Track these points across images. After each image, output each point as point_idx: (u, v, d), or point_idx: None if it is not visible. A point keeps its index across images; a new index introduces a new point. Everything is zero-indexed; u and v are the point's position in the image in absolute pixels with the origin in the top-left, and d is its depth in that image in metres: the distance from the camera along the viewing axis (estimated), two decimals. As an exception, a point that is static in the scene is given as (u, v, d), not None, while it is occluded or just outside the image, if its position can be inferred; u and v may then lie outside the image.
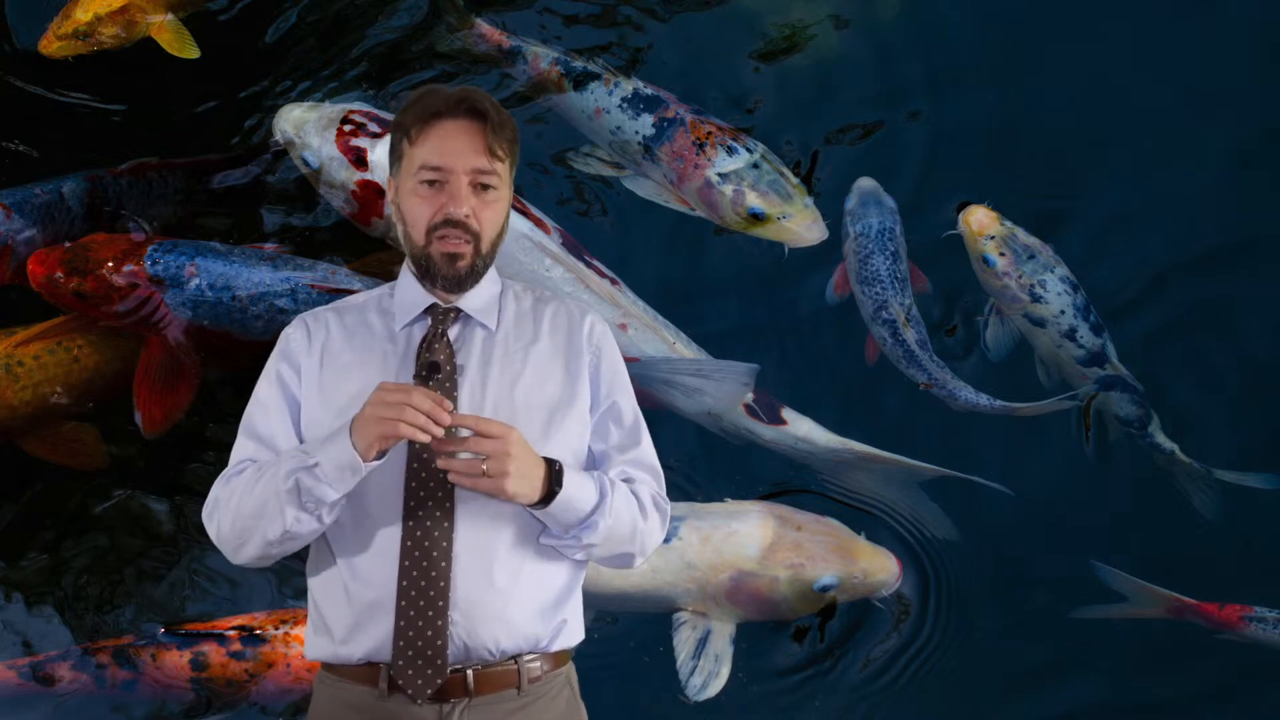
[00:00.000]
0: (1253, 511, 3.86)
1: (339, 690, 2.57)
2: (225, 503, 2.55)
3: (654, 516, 2.63)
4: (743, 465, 3.88)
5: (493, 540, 2.53)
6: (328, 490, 2.45)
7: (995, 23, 4.49)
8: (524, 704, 2.55)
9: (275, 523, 2.48)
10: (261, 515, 2.49)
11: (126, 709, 3.61)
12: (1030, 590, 3.82)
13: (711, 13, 4.53)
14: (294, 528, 2.48)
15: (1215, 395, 4.03)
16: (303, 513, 2.47)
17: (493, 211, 2.59)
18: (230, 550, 2.57)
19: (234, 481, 2.55)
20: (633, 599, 3.60)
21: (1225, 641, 3.68)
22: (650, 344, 3.83)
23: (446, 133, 2.55)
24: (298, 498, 2.46)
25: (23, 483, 3.91)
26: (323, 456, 2.45)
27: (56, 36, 4.17)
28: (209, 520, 2.58)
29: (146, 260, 3.74)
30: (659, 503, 2.66)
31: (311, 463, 2.45)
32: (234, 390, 3.88)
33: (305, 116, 4.01)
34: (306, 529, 2.50)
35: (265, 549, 2.53)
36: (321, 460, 2.44)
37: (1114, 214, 4.23)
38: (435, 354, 2.58)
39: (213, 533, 2.58)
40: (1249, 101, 4.39)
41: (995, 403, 3.87)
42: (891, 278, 3.98)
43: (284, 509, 2.47)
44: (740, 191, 4.01)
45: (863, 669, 3.68)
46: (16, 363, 3.74)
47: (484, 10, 4.40)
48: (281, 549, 2.54)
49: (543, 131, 4.27)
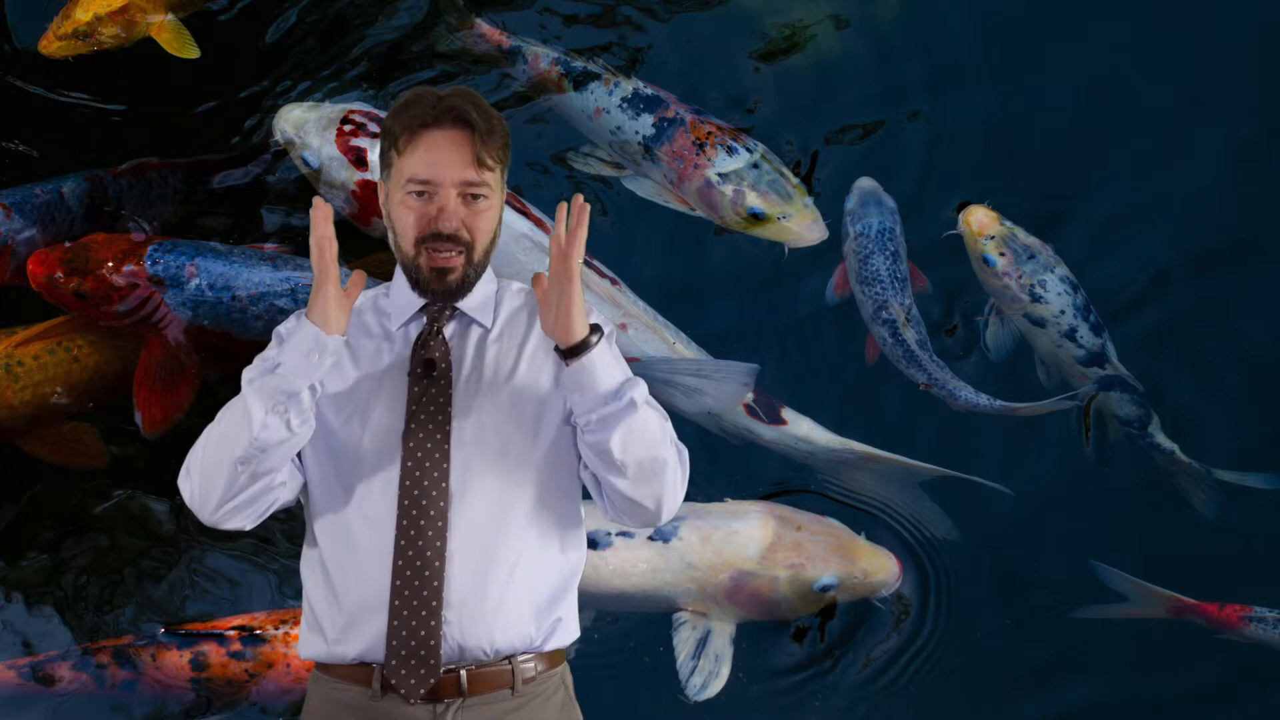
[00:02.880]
0: (1253, 511, 3.86)
1: (333, 690, 2.56)
2: (195, 455, 2.49)
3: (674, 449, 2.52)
4: (743, 465, 3.88)
5: (487, 540, 2.53)
6: (295, 379, 2.42)
7: (995, 23, 4.50)
8: (518, 704, 2.55)
9: (243, 433, 2.41)
10: (229, 439, 2.43)
11: (126, 709, 3.61)
12: (1030, 590, 3.82)
13: (711, 13, 4.54)
14: (261, 434, 2.41)
15: (1215, 395, 4.03)
16: (271, 416, 2.42)
17: (484, 220, 2.57)
18: (200, 498, 2.47)
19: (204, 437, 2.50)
20: (633, 599, 3.60)
21: (1225, 641, 3.68)
22: (650, 344, 3.83)
23: (434, 144, 2.52)
24: (265, 396, 2.41)
25: (23, 483, 3.91)
26: (285, 354, 2.43)
27: (56, 36, 4.17)
28: (183, 481, 2.51)
29: (146, 260, 3.74)
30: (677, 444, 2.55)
31: (274, 364, 2.43)
32: (234, 390, 3.85)
33: (305, 116, 4.01)
34: (275, 436, 2.43)
35: (234, 477, 2.43)
36: (284, 358, 2.43)
37: (1114, 214, 4.23)
38: (431, 351, 2.58)
39: (186, 493, 2.50)
40: (1249, 101, 4.39)
41: (995, 403, 3.87)
42: (891, 278, 3.98)
43: (250, 415, 2.41)
44: (740, 191, 4.02)
45: (863, 669, 3.68)
46: (16, 363, 3.74)
47: (484, 10, 4.41)
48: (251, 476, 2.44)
49: (543, 131, 4.27)
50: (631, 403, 2.46)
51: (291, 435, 2.46)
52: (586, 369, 2.45)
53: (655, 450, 2.48)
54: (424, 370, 2.56)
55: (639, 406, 2.47)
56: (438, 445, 2.53)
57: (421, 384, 2.55)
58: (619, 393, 2.46)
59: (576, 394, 2.48)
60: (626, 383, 2.48)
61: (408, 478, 2.51)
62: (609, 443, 2.46)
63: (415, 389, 2.55)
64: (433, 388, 2.55)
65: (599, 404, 2.46)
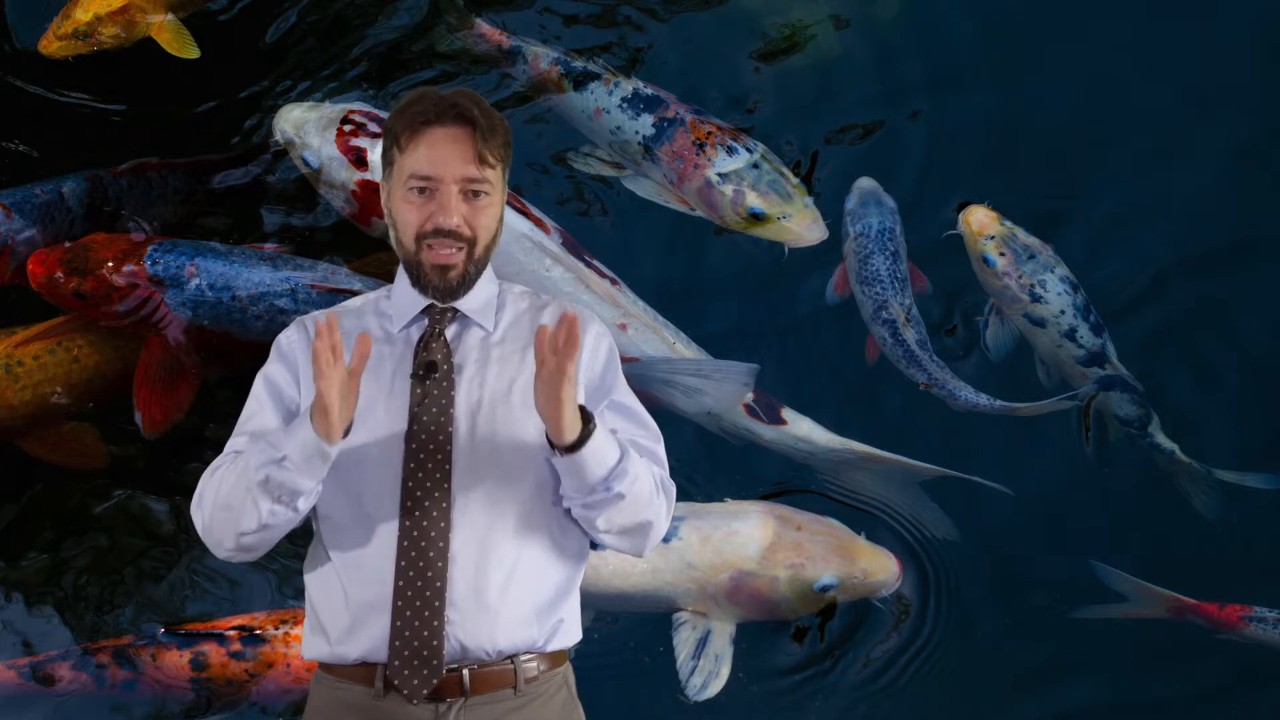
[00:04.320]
0: (1253, 511, 3.86)
1: (335, 690, 2.56)
2: (208, 492, 2.54)
3: (663, 496, 2.60)
4: (743, 465, 3.88)
5: (490, 540, 2.53)
6: (300, 480, 2.45)
7: (995, 23, 4.50)
8: (520, 704, 2.55)
9: (250, 516, 2.47)
10: (236, 507, 2.48)
11: (126, 709, 3.61)
12: (1030, 590, 3.82)
13: (711, 13, 4.54)
14: (269, 520, 2.48)
15: (1215, 395, 4.03)
16: (277, 505, 2.46)
17: (485, 217, 2.58)
18: (212, 543, 2.56)
19: (218, 473, 2.55)
20: (633, 599, 3.60)
21: (1225, 641, 3.68)
22: (650, 344, 3.83)
23: (435, 141, 2.54)
24: (269, 490, 2.45)
25: (23, 483, 3.91)
26: (289, 447, 2.44)
27: (56, 36, 4.17)
28: (195, 512, 2.57)
29: (146, 260, 3.74)
30: (665, 485, 2.62)
31: (279, 456, 2.44)
32: (234, 390, 3.87)
33: (305, 116, 4.01)
34: (282, 520, 2.49)
35: (240, 541, 2.51)
36: (289, 452, 2.43)
37: (1114, 214, 4.23)
38: (433, 353, 2.58)
39: (199, 525, 2.57)
40: (1249, 101, 4.39)
41: (995, 403, 3.86)
42: (891, 278, 3.98)
43: (258, 503, 2.46)
44: (740, 191, 4.01)
45: (863, 669, 3.68)
46: (16, 363, 3.74)
47: (484, 10, 4.41)
48: (261, 540, 2.52)
49: (543, 131, 4.27)
50: (619, 495, 2.50)
51: (297, 514, 2.51)
52: (576, 463, 2.48)
53: (641, 517, 2.56)
54: (426, 372, 2.56)
55: (626, 496, 2.51)
56: (440, 447, 2.53)
57: (423, 386, 2.55)
58: (607, 483, 2.49)
59: (565, 478, 2.51)
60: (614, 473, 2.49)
61: (410, 479, 2.52)
62: (595, 520, 2.55)
63: (417, 391, 2.56)
64: (435, 389, 2.55)
65: (587, 492, 2.51)
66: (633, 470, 2.51)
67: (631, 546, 2.62)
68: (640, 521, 2.57)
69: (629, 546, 2.62)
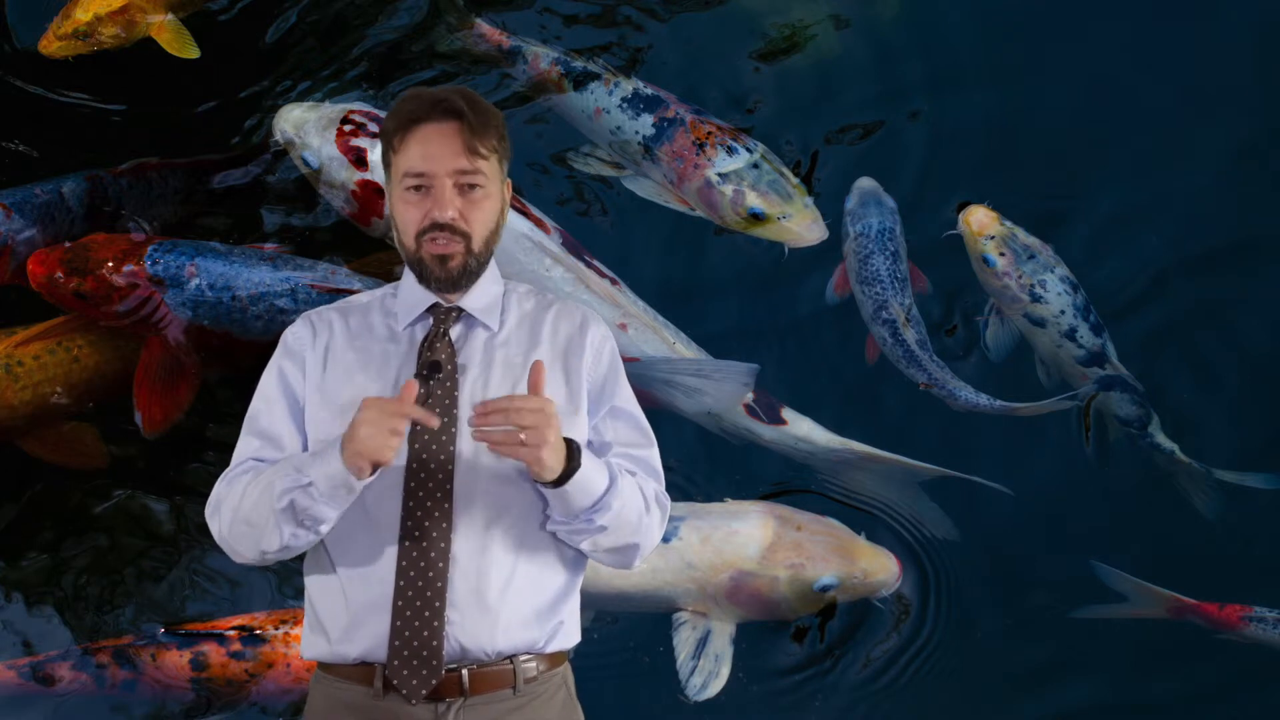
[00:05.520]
0: (1253, 511, 3.86)
1: (335, 690, 2.57)
2: (226, 503, 2.55)
3: (655, 512, 2.63)
4: (743, 465, 3.88)
5: (490, 541, 2.53)
6: (324, 509, 2.46)
7: (995, 23, 4.50)
8: (519, 704, 2.55)
9: (272, 537, 2.49)
10: (259, 526, 2.50)
11: (126, 709, 3.61)
12: (1030, 590, 3.82)
13: (711, 13, 4.53)
14: (291, 542, 2.50)
15: (1215, 395, 4.03)
16: (300, 529, 2.48)
17: (482, 210, 2.58)
18: (231, 552, 2.59)
19: (236, 482, 2.56)
20: (633, 599, 3.60)
21: (1225, 641, 3.68)
22: (650, 344, 3.83)
23: (426, 137, 2.55)
24: (294, 515, 2.47)
25: (23, 483, 3.91)
26: (316, 474, 2.44)
27: (56, 36, 4.17)
28: (211, 519, 2.59)
29: (146, 260, 3.74)
30: (660, 499, 2.65)
31: (305, 481, 2.45)
32: (234, 390, 3.88)
33: (305, 116, 4.01)
34: (304, 542, 2.51)
35: (263, 557, 2.54)
36: (315, 479, 2.44)
37: (1114, 214, 4.23)
38: (437, 353, 2.58)
39: (215, 532, 2.59)
40: (1249, 101, 4.39)
41: (995, 403, 3.86)
42: (891, 278, 3.98)
43: (280, 526, 2.47)
44: (740, 191, 4.01)
45: (863, 669, 3.68)
46: (16, 363, 3.74)
47: (484, 10, 4.41)
48: (282, 555, 2.54)
49: (543, 131, 4.27)
50: (601, 528, 2.52)
51: (320, 536, 2.53)
52: (560, 494, 2.49)
53: (626, 540, 2.58)
54: (430, 372, 2.56)
55: (608, 528, 2.53)
56: (443, 447, 2.53)
57: (427, 386, 2.56)
58: (590, 515, 2.51)
59: (551, 501, 2.53)
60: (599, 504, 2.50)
61: (412, 479, 2.52)
62: (580, 544, 2.58)
63: (421, 391, 2.55)
64: (439, 389, 2.55)
65: (571, 519, 2.53)
66: (618, 502, 2.53)
67: (618, 563, 2.65)
68: (626, 544, 2.59)
69: (615, 562, 2.65)
